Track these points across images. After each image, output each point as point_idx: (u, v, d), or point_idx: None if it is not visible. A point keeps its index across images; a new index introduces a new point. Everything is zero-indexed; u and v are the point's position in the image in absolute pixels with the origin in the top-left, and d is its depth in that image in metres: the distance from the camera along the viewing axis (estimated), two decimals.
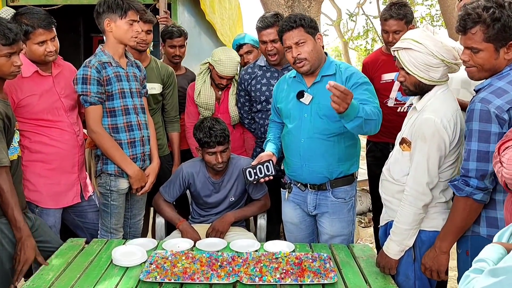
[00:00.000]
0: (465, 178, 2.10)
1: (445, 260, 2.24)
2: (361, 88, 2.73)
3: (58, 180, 2.95)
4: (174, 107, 3.79)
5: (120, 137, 3.00)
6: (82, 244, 2.78)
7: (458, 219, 2.16)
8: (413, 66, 2.29)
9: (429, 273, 2.30)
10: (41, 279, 2.35)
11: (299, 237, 3.04)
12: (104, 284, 2.31)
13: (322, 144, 2.78)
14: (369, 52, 19.37)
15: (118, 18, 2.89)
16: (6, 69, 2.42)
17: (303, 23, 2.70)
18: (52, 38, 2.83)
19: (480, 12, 2.01)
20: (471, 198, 2.09)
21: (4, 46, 2.36)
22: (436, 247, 2.24)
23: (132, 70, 3.09)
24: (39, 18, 2.76)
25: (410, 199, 2.29)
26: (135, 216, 3.27)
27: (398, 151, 2.42)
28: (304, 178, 2.89)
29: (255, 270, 2.38)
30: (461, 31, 2.10)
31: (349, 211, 2.93)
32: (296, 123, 2.84)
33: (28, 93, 2.81)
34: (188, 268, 2.39)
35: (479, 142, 2.03)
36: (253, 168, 2.87)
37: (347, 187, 2.90)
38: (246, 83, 3.64)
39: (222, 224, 3.18)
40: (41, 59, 2.83)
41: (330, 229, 2.92)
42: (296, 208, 3.01)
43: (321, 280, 2.30)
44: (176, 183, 3.30)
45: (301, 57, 2.71)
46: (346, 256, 2.67)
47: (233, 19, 7.76)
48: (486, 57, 2.07)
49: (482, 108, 2.01)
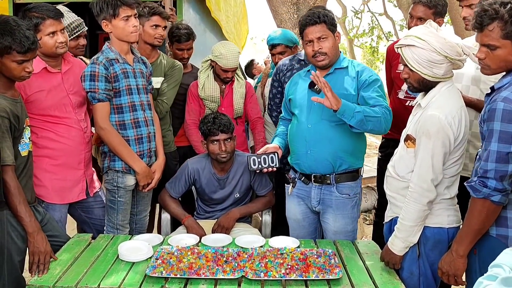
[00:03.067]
0: (483, 179, 2.03)
1: (462, 265, 2.17)
2: (371, 87, 2.79)
3: (64, 176, 2.98)
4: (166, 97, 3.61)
5: (128, 133, 3.02)
6: (88, 239, 2.81)
7: (475, 222, 2.09)
8: (417, 63, 2.29)
9: (446, 278, 2.23)
10: (48, 273, 2.39)
11: (301, 234, 3.05)
12: (110, 278, 2.34)
13: (329, 130, 2.81)
14: (374, 49, 19.36)
15: (112, 18, 2.92)
16: (16, 73, 2.45)
17: (326, 20, 2.80)
18: (61, 30, 2.87)
19: (497, 8, 1.96)
20: (489, 199, 2.02)
21: (19, 53, 2.39)
22: (452, 250, 2.18)
23: (139, 66, 3.11)
24: (48, 9, 2.82)
25: (415, 195, 2.29)
26: (141, 212, 3.30)
27: (403, 147, 2.43)
28: (309, 166, 2.89)
29: (261, 265, 2.39)
30: (477, 28, 2.04)
31: (353, 207, 2.95)
32: (305, 111, 2.89)
33: (36, 89, 2.84)
34: (193, 263, 2.41)
35: (499, 143, 1.97)
36: (258, 157, 2.91)
37: (351, 183, 2.91)
38: (282, 73, 3.66)
39: (227, 220, 3.21)
40: (52, 51, 2.86)
41: (334, 225, 2.93)
42: (300, 204, 3.02)
43: (326, 276, 2.31)
44: (182, 179, 3.33)
45: (322, 51, 2.80)
46: (350, 252, 2.69)
47: (238, 16, 7.76)
48: (504, 54, 2.01)
49: (505, 107, 1.95)
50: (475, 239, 2.12)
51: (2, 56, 2.38)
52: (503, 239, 2.08)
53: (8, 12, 4.58)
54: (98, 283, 2.29)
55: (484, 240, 2.14)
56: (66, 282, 2.30)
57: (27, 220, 2.44)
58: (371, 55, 20.40)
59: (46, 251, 2.47)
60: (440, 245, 2.30)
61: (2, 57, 2.39)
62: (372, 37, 19.10)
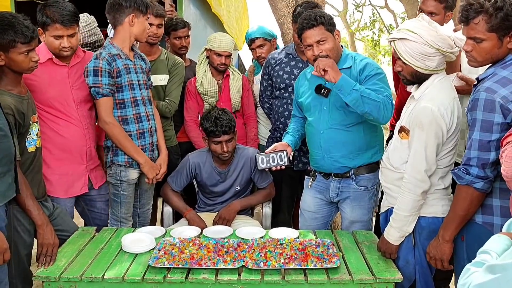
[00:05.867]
0: (466, 166, 2.11)
1: (448, 249, 2.26)
2: (373, 79, 2.78)
3: (66, 170, 3.01)
4: (173, 96, 3.69)
5: (130, 128, 3.07)
6: (93, 232, 2.87)
7: (459, 208, 2.17)
8: (410, 56, 2.33)
9: (433, 262, 2.33)
10: (54, 265, 2.45)
11: (312, 226, 3.09)
12: (114, 269, 2.40)
13: (341, 135, 2.83)
14: (376, 43, 19.31)
15: (141, 15, 3.00)
16: (25, 65, 2.49)
17: (323, 21, 2.73)
18: (70, 35, 2.86)
19: (482, 2, 2.02)
20: (472, 186, 2.10)
21: (23, 44, 2.43)
22: (439, 236, 2.27)
23: (139, 62, 3.16)
24: (60, 13, 2.79)
25: (409, 186, 2.35)
26: (144, 205, 3.36)
27: (397, 139, 2.48)
28: (327, 168, 2.95)
29: (260, 255, 2.45)
30: (463, 22, 2.10)
31: (370, 199, 2.99)
32: (316, 116, 2.92)
33: (36, 78, 2.84)
34: (195, 254, 2.47)
35: (481, 132, 2.04)
36: (266, 156, 2.93)
37: (370, 175, 2.94)
38: (270, 67, 3.72)
39: (228, 213, 3.26)
40: (56, 52, 2.89)
41: (351, 215, 2.98)
42: (316, 196, 3.06)
43: (324, 265, 2.36)
44: (183, 173, 3.38)
45: (322, 55, 2.72)
46: (349, 242, 2.74)
47: (239, 11, 7.79)
48: (490, 46, 2.07)
49: (487, 97, 2.01)
50: (460, 225, 2.21)
51: (7, 51, 2.42)
52: (488, 227, 2.15)
53: (9, 10, 4.60)
54: (102, 274, 2.35)
55: (471, 227, 2.21)
56: (71, 273, 2.36)
57: (36, 213, 2.50)
58: (373, 49, 20.36)
59: (54, 243, 2.53)
60: (435, 234, 2.34)
61: (8, 52, 2.43)
62: (374, 30, 19.05)
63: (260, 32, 4.07)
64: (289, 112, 3.55)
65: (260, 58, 4.04)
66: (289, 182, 3.71)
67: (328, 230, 2.96)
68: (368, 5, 18.79)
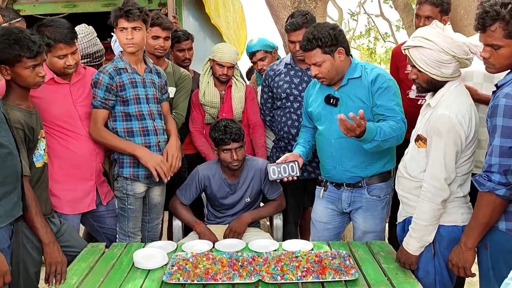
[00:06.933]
0: (487, 173, 2.10)
1: (471, 257, 2.23)
2: (387, 94, 2.74)
3: (75, 186, 2.98)
4: (180, 109, 3.66)
5: (135, 141, 3.02)
6: (102, 248, 2.82)
7: (481, 215, 2.14)
8: (425, 64, 2.32)
9: (456, 270, 2.29)
10: (65, 283, 2.40)
11: (324, 238, 3.05)
12: (128, 286, 2.34)
13: (352, 144, 2.78)
14: (371, 51, 19.37)
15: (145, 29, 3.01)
16: (31, 80, 2.46)
17: (320, 44, 2.71)
18: (72, 52, 2.86)
19: (498, 9, 2.02)
20: (494, 193, 2.07)
21: (29, 59, 2.40)
22: (461, 243, 2.24)
23: (150, 76, 3.12)
24: (61, 32, 2.78)
25: (429, 195, 2.31)
26: (153, 220, 3.30)
27: (413, 148, 2.45)
28: (339, 178, 2.92)
29: (277, 269, 2.41)
30: (480, 29, 2.10)
31: (383, 208, 2.95)
32: (326, 125, 2.89)
33: (40, 96, 2.80)
34: (210, 268, 2.42)
35: (502, 138, 2.03)
36: (277, 167, 2.89)
37: (382, 184, 2.90)
38: (270, 79, 3.70)
39: (239, 225, 3.22)
40: (61, 71, 2.88)
41: (363, 225, 2.94)
42: (328, 207, 3.03)
43: (342, 277, 2.32)
44: (192, 186, 3.34)
45: (319, 76, 2.79)
46: (364, 253, 2.70)
47: (237, 22, 7.79)
48: (508, 52, 2.07)
49: (506, 103, 2.01)
50: (483, 232, 2.18)
51: (13, 66, 2.40)
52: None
53: None
54: None
55: (494, 235, 2.18)
56: None
57: (43, 231, 2.45)
58: (369, 57, 20.42)
59: (62, 261, 2.48)
60: (455, 243, 2.31)
61: (14, 67, 2.40)
62: (369, 39, 19.12)
63: (260, 44, 4.09)
64: (292, 120, 3.55)
65: (262, 70, 4.04)
66: (294, 192, 3.68)
67: (342, 241, 2.91)
68: (363, 13, 18.88)
